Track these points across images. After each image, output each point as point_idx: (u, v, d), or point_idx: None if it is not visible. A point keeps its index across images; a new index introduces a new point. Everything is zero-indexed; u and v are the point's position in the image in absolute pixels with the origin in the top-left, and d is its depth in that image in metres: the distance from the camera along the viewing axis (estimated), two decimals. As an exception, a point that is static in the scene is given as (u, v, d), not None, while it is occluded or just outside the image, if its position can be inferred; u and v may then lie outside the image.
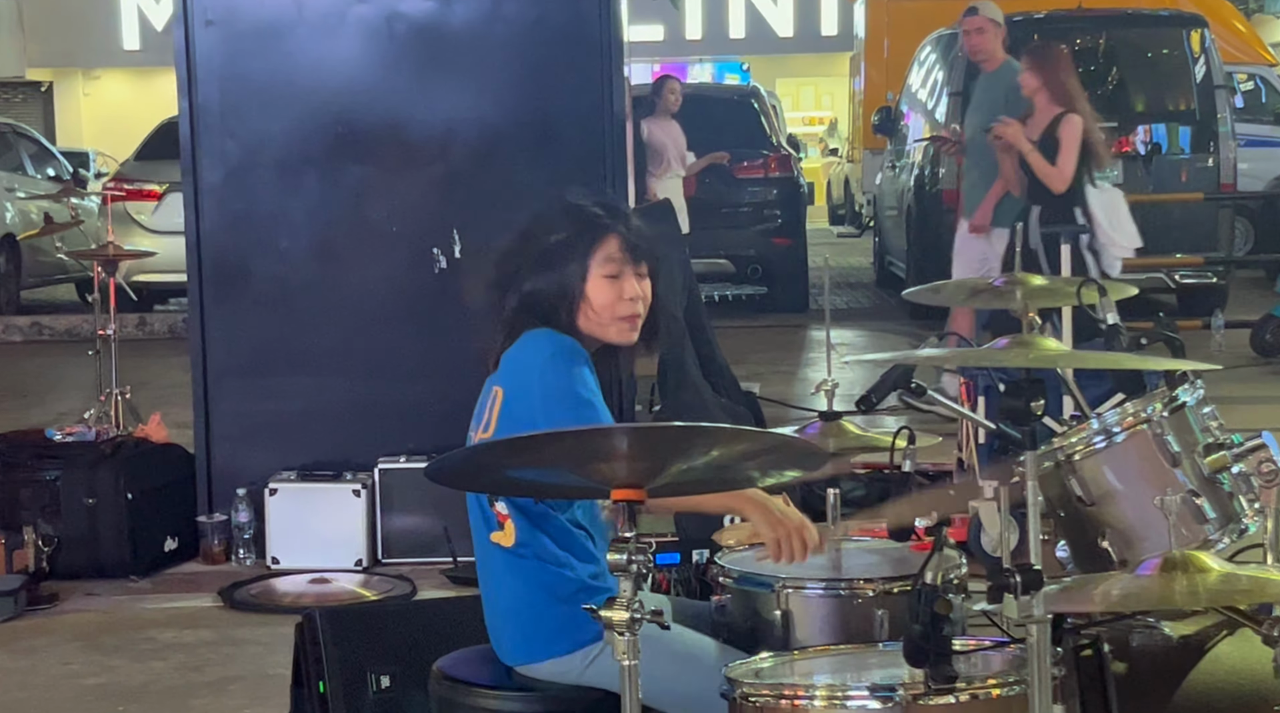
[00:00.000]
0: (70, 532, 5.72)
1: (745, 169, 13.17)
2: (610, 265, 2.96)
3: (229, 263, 6.04)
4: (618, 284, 2.96)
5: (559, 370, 2.89)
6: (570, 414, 2.83)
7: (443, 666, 3.04)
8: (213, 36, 5.98)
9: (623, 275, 2.96)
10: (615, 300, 2.96)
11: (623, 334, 3.00)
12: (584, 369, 2.91)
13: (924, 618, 2.31)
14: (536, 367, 2.91)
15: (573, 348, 2.93)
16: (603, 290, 2.95)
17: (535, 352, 2.93)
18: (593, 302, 2.95)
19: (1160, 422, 3.00)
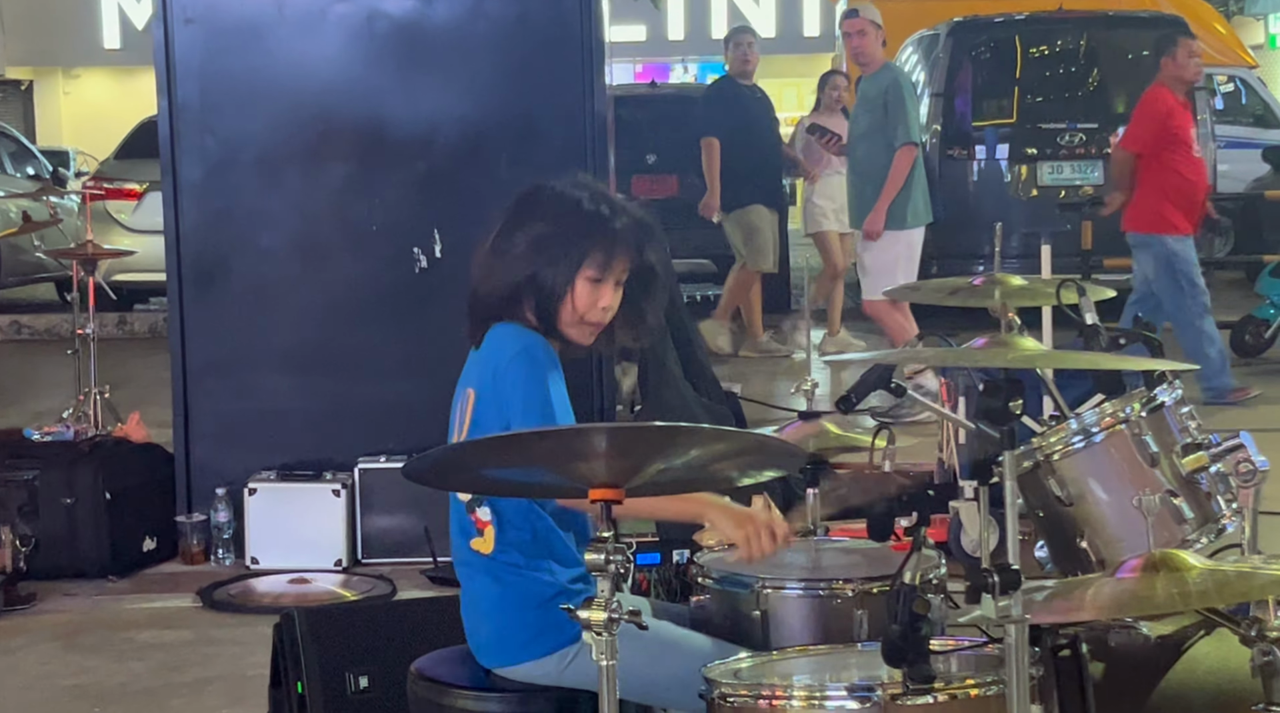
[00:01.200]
0: (48, 532, 5.69)
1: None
2: (596, 270, 2.93)
3: (209, 262, 6.02)
4: (598, 289, 2.94)
5: (523, 372, 2.88)
6: (535, 415, 2.82)
7: (421, 666, 3.04)
8: (192, 35, 5.96)
9: (604, 281, 2.94)
10: (590, 306, 2.93)
11: (581, 337, 2.97)
12: (550, 370, 2.90)
13: (902, 618, 2.31)
14: (503, 365, 2.90)
15: (537, 345, 2.92)
16: (584, 293, 2.93)
17: (501, 351, 2.92)
18: (575, 301, 2.93)
19: (1139, 422, 3.01)
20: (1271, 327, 9.76)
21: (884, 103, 7.96)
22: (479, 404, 2.93)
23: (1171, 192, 8.29)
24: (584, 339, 2.98)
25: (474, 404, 2.94)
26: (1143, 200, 8.38)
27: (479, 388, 2.94)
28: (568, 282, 2.91)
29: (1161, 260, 8.35)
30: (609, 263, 2.93)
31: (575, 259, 2.91)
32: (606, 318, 2.97)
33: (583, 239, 2.92)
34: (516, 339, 2.93)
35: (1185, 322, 8.39)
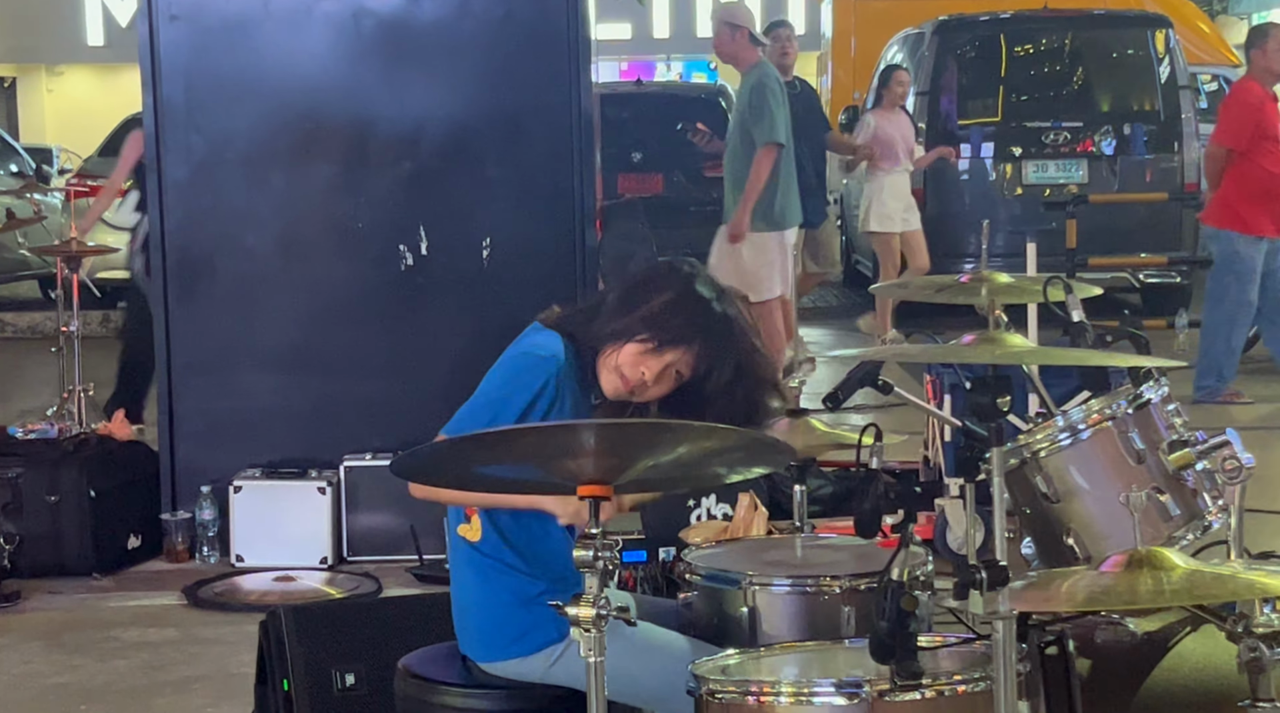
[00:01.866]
0: (32, 530, 5.68)
1: (713, 168, 13.15)
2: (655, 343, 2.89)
3: (194, 259, 6.01)
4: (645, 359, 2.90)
5: (504, 367, 2.90)
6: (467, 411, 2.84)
7: (408, 663, 3.04)
8: (177, 32, 5.95)
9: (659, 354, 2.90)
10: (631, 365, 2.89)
11: (609, 388, 2.93)
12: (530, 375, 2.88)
13: (890, 614, 2.31)
14: (505, 355, 2.94)
15: (540, 353, 2.91)
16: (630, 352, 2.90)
17: (516, 346, 2.96)
18: (619, 352, 2.90)
19: (1125, 419, 3.01)
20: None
21: (749, 103, 7.94)
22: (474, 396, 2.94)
23: (1255, 188, 8.18)
24: (610, 392, 2.93)
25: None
26: (1223, 195, 8.30)
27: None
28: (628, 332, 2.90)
29: (1224, 257, 8.31)
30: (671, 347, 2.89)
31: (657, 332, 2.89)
32: (642, 392, 2.92)
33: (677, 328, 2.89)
34: (528, 339, 2.95)
35: (1217, 322, 8.34)
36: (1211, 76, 16.11)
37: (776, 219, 7.96)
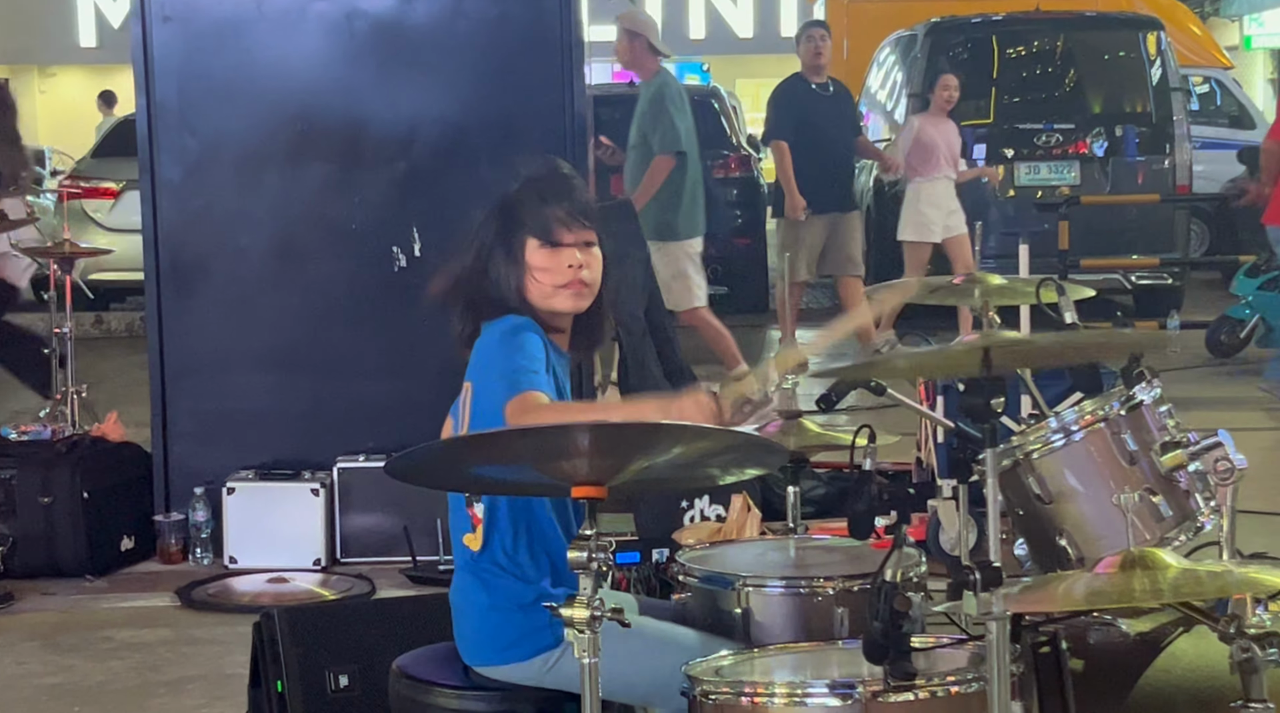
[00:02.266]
0: (26, 531, 5.68)
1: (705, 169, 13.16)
2: (547, 235, 2.97)
3: (187, 261, 6.01)
4: (557, 254, 2.97)
5: (502, 347, 2.91)
6: (505, 385, 2.83)
7: (402, 664, 3.04)
8: (171, 33, 5.94)
9: (561, 245, 2.97)
10: (557, 270, 2.97)
11: (566, 302, 2.99)
12: (528, 339, 2.91)
13: (883, 615, 2.32)
14: (490, 351, 2.94)
15: (520, 324, 2.95)
16: (542, 260, 2.97)
17: (489, 338, 2.96)
18: (535, 273, 2.97)
19: (1117, 420, 3.02)
20: (1246, 326, 9.80)
21: (648, 112, 7.94)
22: (475, 396, 2.95)
23: None
24: (570, 304, 3.00)
25: (472, 396, 2.96)
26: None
27: (475, 379, 2.96)
28: (518, 257, 2.97)
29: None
30: (554, 226, 2.97)
31: (517, 235, 2.98)
32: (586, 276, 2.99)
33: (517, 215, 2.99)
34: (500, 324, 2.96)
35: None
36: (1203, 78, 16.15)
37: (679, 229, 7.92)
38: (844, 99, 9.77)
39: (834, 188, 9.49)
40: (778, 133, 9.52)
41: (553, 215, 2.98)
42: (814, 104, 9.50)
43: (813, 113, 9.46)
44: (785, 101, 9.68)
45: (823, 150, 9.37)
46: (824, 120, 9.47)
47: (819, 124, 9.43)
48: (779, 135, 9.49)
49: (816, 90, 9.55)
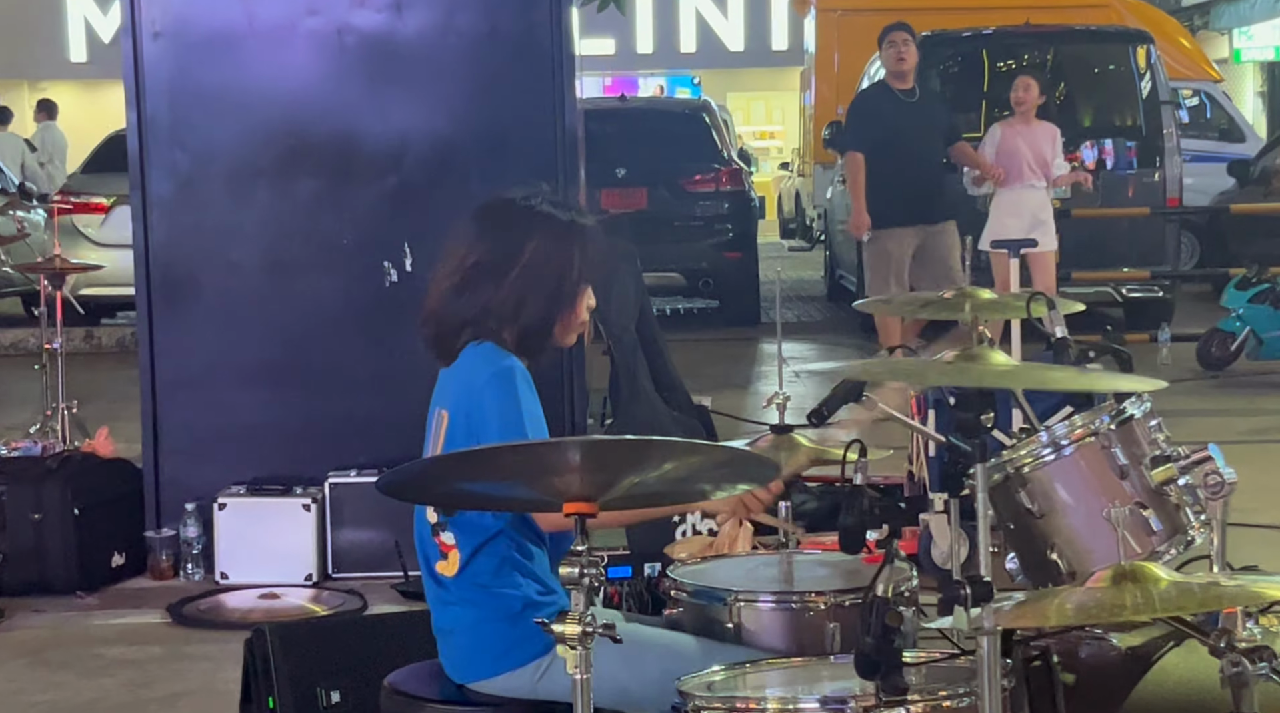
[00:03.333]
0: (16, 547, 5.66)
1: (696, 183, 13.20)
2: (591, 274, 2.99)
3: (178, 276, 6.00)
4: (590, 293, 3.01)
5: (498, 394, 2.88)
6: (511, 436, 2.83)
7: (393, 680, 3.04)
8: (162, 48, 5.95)
9: (589, 284, 3.00)
10: (583, 312, 3.01)
11: (571, 341, 3.05)
12: (524, 390, 2.91)
13: (875, 630, 2.32)
14: (479, 386, 2.91)
15: (513, 367, 2.93)
16: (584, 300, 3.00)
17: (476, 372, 2.93)
18: (577, 311, 2.99)
19: (1108, 434, 3.03)
20: (1237, 339, 9.82)
21: None
22: (452, 426, 2.93)
23: None
24: (572, 342, 3.04)
25: (447, 426, 2.94)
26: None
27: (452, 410, 2.94)
28: (573, 294, 2.96)
29: None
30: (596, 266, 2.99)
31: (578, 272, 2.96)
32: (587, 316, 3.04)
33: (582, 252, 2.96)
34: (493, 360, 2.93)
35: None
36: (1193, 92, 16.19)
37: None
38: (932, 105, 9.27)
39: (922, 199, 8.93)
40: (854, 143, 9.09)
41: (597, 254, 2.98)
42: (898, 112, 8.95)
43: (897, 121, 8.91)
44: (865, 110, 9.28)
45: (909, 160, 8.84)
46: (910, 129, 8.92)
47: (904, 133, 8.89)
48: (854, 146, 9.07)
49: (901, 97, 9.00)
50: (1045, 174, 9.34)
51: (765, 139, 30.28)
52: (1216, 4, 23.51)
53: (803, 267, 18.18)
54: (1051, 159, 9.39)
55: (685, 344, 10.83)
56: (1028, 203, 9.29)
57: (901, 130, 8.85)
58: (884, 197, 8.81)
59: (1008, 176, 9.27)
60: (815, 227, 18.91)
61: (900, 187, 8.80)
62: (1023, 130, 9.36)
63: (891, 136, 8.86)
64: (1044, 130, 9.42)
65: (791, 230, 23.21)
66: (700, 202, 13.22)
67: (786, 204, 24.28)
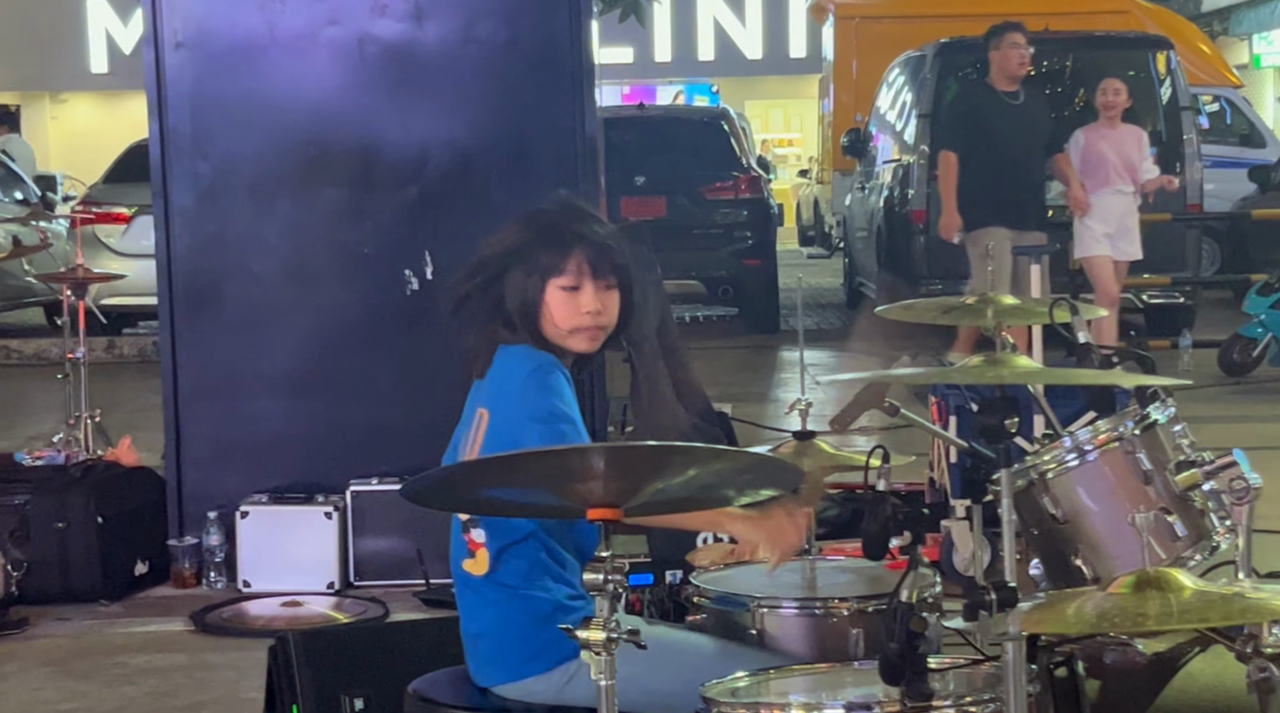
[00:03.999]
0: (40, 556, 5.68)
1: (715, 191, 13.21)
2: (567, 277, 2.95)
3: (200, 285, 6.02)
4: (575, 297, 2.95)
5: (537, 388, 2.89)
6: (548, 432, 2.83)
7: (417, 687, 3.04)
8: (183, 58, 5.97)
9: (581, 288, 2.96)
10: (573, 314, 2.95)
11: (581, 344, 2.99)
12: (561, 385, 2.91)
13: (899, 636, 2.32)
14: (516, 386, 2.92)
15: (550, 364, 2.94)
16: (560, 303, 2.95)
17: (514, 371, 2.94)
18: (552, 313, 2.95)
19: (1132, 439, 3.02)
20: (1259, 345, 9.79)
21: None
22: (492, 425, 2.94)
23: None
24: (586, 347, 2.99)
25: (487, 424, 2.95)
26: None
27: (492, 409, 2.95)
28: (539, 295, 2.94)
29: None
30: (577, 271, 2.94)
31: (541, 272, 2.94)
32: (602, 321, 2.98)
33: (544, 258, 2.95)
34: (528, 360, 2.94)
35: None
36: (1213, 97, 16.16)
37: None
38: (1036, 109, 8.87)
39: (1018, 204, 8.62)
40: (947, 143, 8.82)
41: (576, 259, 2.94)
42: (1000, 113, 8.61)
43: (998, 122, 8.58)
44: (965, 110, 8.98)
45: (1007, 164, 8.54)
46: (1012, 132, 8.58)
47: (1004, 135, 8.56)
48: (948, 145, 8.78)
49: (1005, 98, 8.66)
50: (1133, 179, 9.10)
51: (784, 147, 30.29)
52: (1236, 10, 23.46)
53: (822, 274, 18.17)
54: (1139, 163, 9.15)
55: (705, 352, 10.84)
56: (1114, 208, 9.08)
57: (1003, 133, 8.54)
58: (977, 199, 8.54)
59: (1094, 182, 9.03)
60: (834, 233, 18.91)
61: (995, 190, 8.51)
62: (1108, 134, 9.12)
63: (992, 138, 8.54)
64: (1130, 134, 9.23)
65: (810, 237, 23.21)
66: (719, 209, 13.23)
67: (805, 211, 24.29)
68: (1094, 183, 9.07)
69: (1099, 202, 9.09)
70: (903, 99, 12.82)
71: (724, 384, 10.00)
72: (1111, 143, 9.13)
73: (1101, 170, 9.06)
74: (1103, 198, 9.09)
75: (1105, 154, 9.11)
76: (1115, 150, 9.13)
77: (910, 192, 11.79)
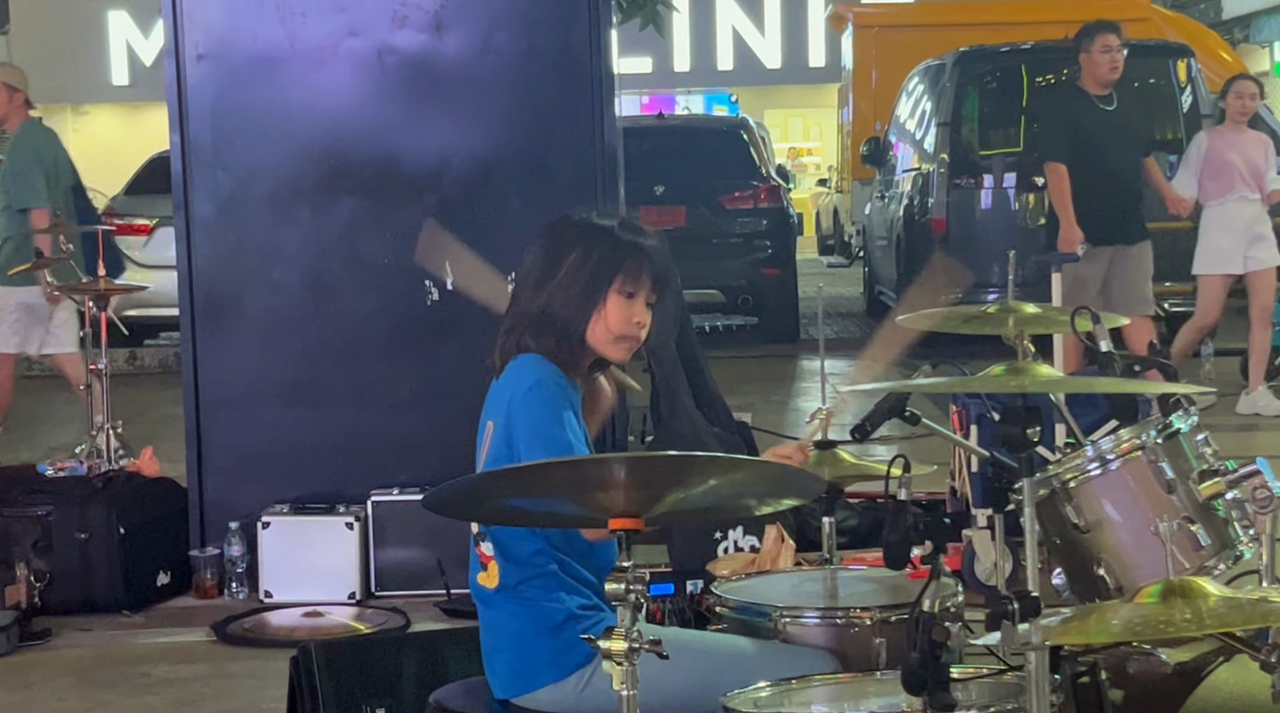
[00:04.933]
0: (62, 567, 5.70)
1: (735, 200, 13.21)
2: (630, 285, 3.01)
3: (221, 296, 6.04)
4: (631, 305, 3.01)
5: (537, 405, 2.93)
6: (544, 448, 2.86)
7: (440, 697, 3.04)
8: (204, 70, 5.99)
9: (636, 296, 3.02)
10: (626, 321, 3.01)
11: (619, 354, 3.06)
12: (563, 402, 2.93)
13: (922, 646, 2.31)
14: (517, 399, 2.96)
15: (553, 378, 2.96)
16: (618, 307, 3.00)
17: (518, 382, 2.98)
18: (608, 315, 2.99)
19: (1155, 448, 3.01)
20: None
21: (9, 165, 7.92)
22: (495, 437, 2.97)
23: None
24: (622, 356, 3.06)
25: (491, 437, 2.98)
26: None
27: (497, 421, 2.98)
28: (599, 297, 2.99)
29: None
30: (640, 279, 3.01)
31: (607, 276, 3.00)
32: (643, 335, 3.05)
33: (616, 257, 3.01)
34: (534, 371, 2.97)
35: None
36: (1234, 105, 16.08)
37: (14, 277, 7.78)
38: (1129, 113, 8.23)
39: (1117, 216, 8.00)
40: (1054, 153, 8.03)
41: (646, 270, 3.02)
42: (1095, 119, 8.01)
43: (1095, 131, 7.96)
44: (1060, 117, 8.21)
45: (1103, 173, 7.92)
46: (1107, 138, 7.97)
47: (1102, 143, 7.93)
48: (1054, 156, 8.00)
49: (1098, 103, 8.02)
50: (1260, 186, 8.63)
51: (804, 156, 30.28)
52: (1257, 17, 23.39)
53: (841, 283, 18.15)
54: (1265, 170, 8.69)
55: (725, 361, 10.83)
56: (1242, 216, 8.61)
57: (1099, 141, 7.93)
58: (1082, 213, 7.87)
59: (1220, 189, 8.56)
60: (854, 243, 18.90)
61: (1094, 202, 7.89)
62: (1234, 139, 8.68)
63: (1088, 147, 7.90)
64: (1256, 139, 8.75)
65: (830, 246, 23.20)
66: (739, 218, 13.23)
67: (825, 220, 24.28)
68: (1217, 189, 8.59)
69: (1224, 210, 8.62)
70: (922, 108, 12.81)
71: (744, 393, 10.00)
72: (1237, 148, 8.66)
73: (1226, 176, 8.59)
74: (1226, 206, 8.62)
75: (1231, 159, 8.64)
76: (1241, 155, 8.67)
77: (930, 200, 11.78)
